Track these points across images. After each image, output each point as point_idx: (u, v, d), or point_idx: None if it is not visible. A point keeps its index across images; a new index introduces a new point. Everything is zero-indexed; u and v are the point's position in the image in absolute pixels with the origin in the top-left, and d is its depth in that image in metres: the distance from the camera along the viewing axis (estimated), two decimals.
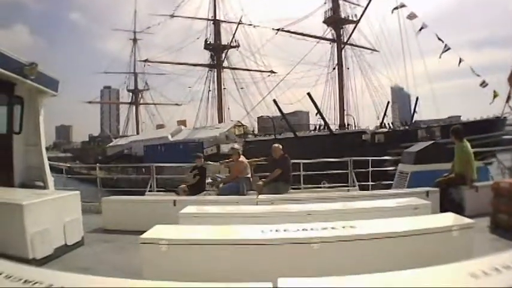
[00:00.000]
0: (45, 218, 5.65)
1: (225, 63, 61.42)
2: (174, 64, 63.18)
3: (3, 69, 7.07)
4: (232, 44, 60.37)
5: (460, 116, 44.59)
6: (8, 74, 7.22)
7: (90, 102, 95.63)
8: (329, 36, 51.92)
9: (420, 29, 36.04)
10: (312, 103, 37.04)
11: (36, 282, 2.38)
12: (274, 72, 59.89)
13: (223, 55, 60.87)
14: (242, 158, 9.86)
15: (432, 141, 10.44)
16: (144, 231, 4.16)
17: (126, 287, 2.51)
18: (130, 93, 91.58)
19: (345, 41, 50.19)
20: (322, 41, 52.29)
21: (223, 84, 60.96)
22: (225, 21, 61.26)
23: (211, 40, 60.75)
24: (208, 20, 61.21)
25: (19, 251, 5.14)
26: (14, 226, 5.31)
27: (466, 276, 2.37)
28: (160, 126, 70.00)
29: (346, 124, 46.72)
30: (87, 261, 5.62)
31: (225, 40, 61.18)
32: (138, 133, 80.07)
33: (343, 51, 50.53)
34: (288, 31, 52.04)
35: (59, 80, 8.73)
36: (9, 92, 7.82)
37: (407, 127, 35.17)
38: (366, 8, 46.00)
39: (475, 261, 2.77)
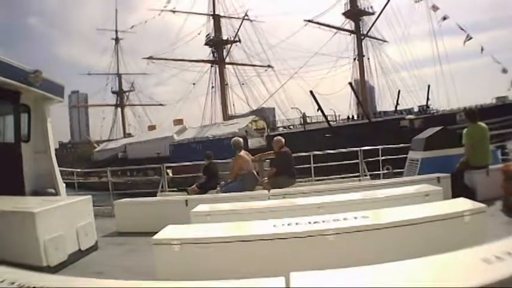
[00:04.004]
0: (57, 225, 5.65)
1: (227, 59, 61.23)
2: (178, 61, 62.15)
3: (8, 79, 7.09)
4: (234, 39, 60.25)
5: (429, 105, 44.72)
6: (13, 83, 7.24)
7: (73, 106, 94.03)
8: (347, 28, 53.67)
9: (443, 19, 37.40)
10: (353, 93, 41.64)
11: None
12: (271, 67, 60.68)
13: (225, 51, 60.64)
14: (242, 153, 9.65)
15: (441, 127, 10.31)
16: (157, 232, 4.18)
17: None
18: (115, 95, 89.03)
19: (366, 32, 51.96)
20: (341, 34, 54.81)
21: (226, 80, 60.80)
22: (225, 17, 61.09)
23: (212, 35, 60.44)
24: (208, 15, 60.97)
25: (33, 259, 5.15)
26: (26, 234, 5.30)
27: (478, 261, 2.36)
28: (151, 128, 68.93)
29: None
30: (101, 265, 5.62)
31: (224, 35, 61.18)
32: (125, 136, 78.73)
33: (363, 42, 51.87)
34: (318, 22, 54.12)
35: (64, 86, 8.75)
36: (15, 101, 7.83)
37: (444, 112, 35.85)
38: (387, 3, 48.41)
39: (487, 246, 2.75)
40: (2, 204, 5.90)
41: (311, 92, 38.14)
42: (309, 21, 53.57)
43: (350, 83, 41.11)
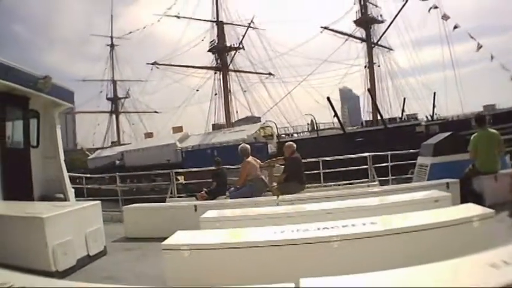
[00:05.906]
0: (66, 230, 5.65)
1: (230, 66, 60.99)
2: (183, 67, 61.41)
3: (17, 84, 7.13)
4: (238, 46, 60.13)
5: (416, 114, 44.93)
6: (22, 88, 7.28)
7: (68, 113, 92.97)
8: (357, 36, 54.59)
9: (454, 28, 38.65)
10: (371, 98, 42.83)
11: None
12: (272, 75, 61.12)
13: (229, 58, 60.56)
14: (249, 159, 9.66)
15: (450, 133, 10.27)
16: (167, 238, 4.18)
17: None
18: (110, 103, 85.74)
19: (376, 41, 52.96)
20: (350, 42, 55.23)
21: (229, 87, 60.46)
22: (229, 23, 60.82)
23: (216, 42, 60.14)
24: (212, 21, 60.59)
25: (42, 264, 5.15)
26: (35, 239, 5.31)
27: (487, 266, 2.35)
28: (148, 135, 67.34)
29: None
30: (110, 270, 5.60)
31: (228, 42, 61.11)
32: (119, 143, 76.50)
33: (373, 50, 52.61)
34: (332, 30, 54.49)
35: (73, 91, 8.79)
36: (24, 107, 7.89)
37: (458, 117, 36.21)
38: (400, 10, 49.34)
39: (495, 251, 2.74)
40: (11, 209, 5.94)
41: (328, 98, 38.31)
42: (325, 28, 53.96)
43: (368, 89, 42.13)
